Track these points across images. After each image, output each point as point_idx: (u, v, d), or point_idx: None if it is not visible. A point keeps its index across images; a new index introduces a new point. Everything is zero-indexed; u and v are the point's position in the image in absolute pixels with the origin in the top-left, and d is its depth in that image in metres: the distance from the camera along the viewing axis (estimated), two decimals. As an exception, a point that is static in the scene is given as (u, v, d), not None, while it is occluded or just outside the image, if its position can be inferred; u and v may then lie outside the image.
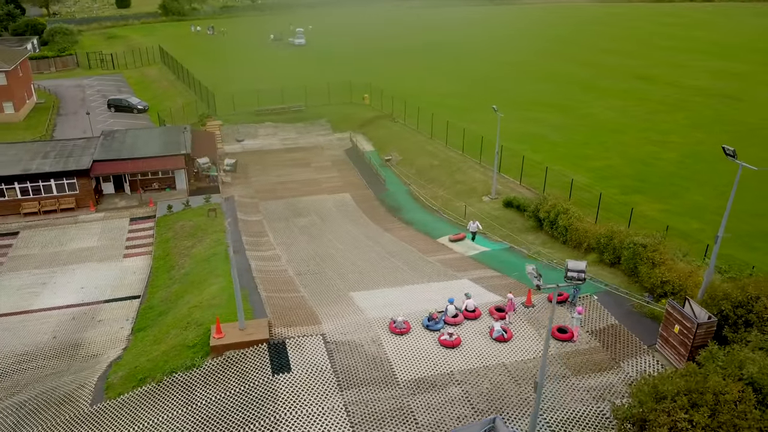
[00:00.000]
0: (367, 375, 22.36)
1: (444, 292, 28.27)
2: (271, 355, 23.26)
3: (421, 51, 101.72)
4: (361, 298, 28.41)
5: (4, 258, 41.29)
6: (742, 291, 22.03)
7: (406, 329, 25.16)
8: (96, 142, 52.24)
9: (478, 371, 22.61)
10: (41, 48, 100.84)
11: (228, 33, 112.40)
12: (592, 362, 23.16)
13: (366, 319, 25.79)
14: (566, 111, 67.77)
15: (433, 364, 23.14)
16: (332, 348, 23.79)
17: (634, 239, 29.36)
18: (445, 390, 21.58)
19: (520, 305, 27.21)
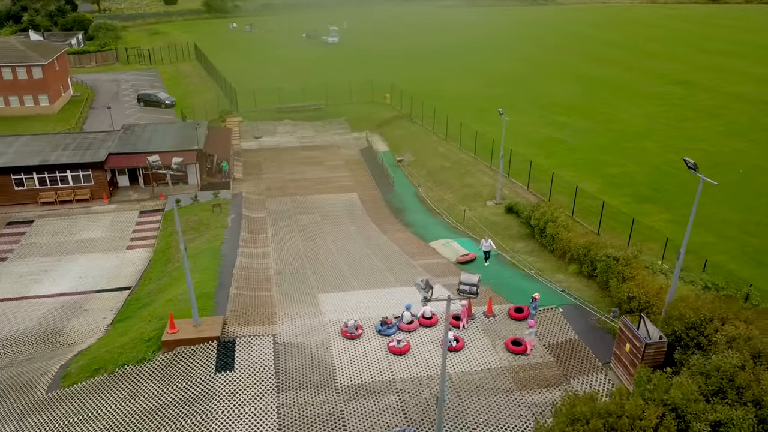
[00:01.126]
0: (308, 378, 22.30)
1: (414, 297, 27.88)
2: (219, 353, 23.48)
3: (455, 51, 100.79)
4: (327, 300, 28.35)
5: (16, 245, 43.01)
6: (695, 312, 20.87)
7: (358, 334, 24.94)
8: (115, 136, 53.86)
9: (421, 380, 22.22)
10: (85, 43, 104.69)
11: (270, 30, 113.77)
12: (541, 377, 22.41)
13: (321, 322, 25.73)
14: (592, 115, 65.96)
15: (376, 370, 22.86)
16: (280, 349, 23.82)
17: (607, 251, 28.26)
18: (382, 397, 21.29)
19: (481, 315, 26.58)
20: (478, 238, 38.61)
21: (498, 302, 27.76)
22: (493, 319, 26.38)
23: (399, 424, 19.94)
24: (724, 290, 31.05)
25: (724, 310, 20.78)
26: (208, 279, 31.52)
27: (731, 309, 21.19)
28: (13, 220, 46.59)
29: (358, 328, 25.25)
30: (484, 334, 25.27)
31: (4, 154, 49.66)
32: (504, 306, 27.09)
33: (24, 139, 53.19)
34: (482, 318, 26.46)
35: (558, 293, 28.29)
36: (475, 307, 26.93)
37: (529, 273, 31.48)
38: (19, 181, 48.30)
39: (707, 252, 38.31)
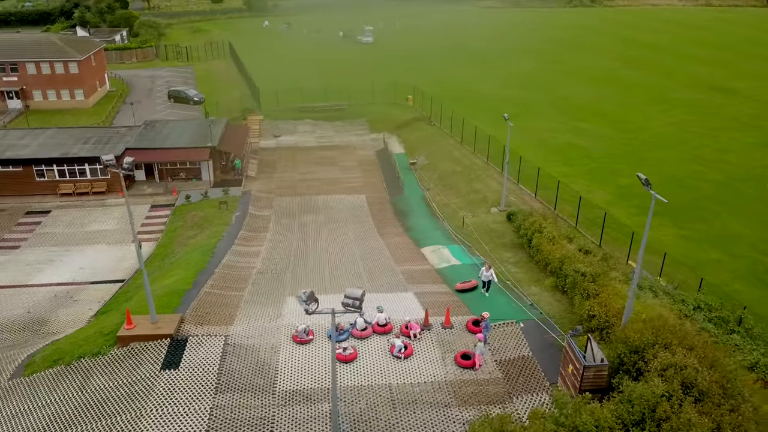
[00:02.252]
0: (249, 381, 22.40)
1: (384, 303, 27.73)
2: (169, 350, 23.88)
3: (489, 52, 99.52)
4: (293, 303, 28.45)
5: (30, 234, 44.85)
6: (640, 335, 19.93)
7: (308, 339, 24.91)
8: (135, 132, 55.47)
9: (361, 389, 22.01)
10: (129, 39, 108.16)
11: (318, 31, 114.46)
12: (484, 394, 21.84)
13: (278, 325, 25.81)
14: (619, 122, 64.04)
15: (318, 377, 22.80)
16: (229, 350, 24.04)
17: (575, 266, 27.33)
18: (316, 405, 21.19)
19: (439, 325, 26.15)
20: (470, 245, 38.05)
21: (462, 313, 27.26)
22: (449, 331, 25.90)
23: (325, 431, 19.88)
24: (717, 312, 29.69)
25: (670, 335, 19.75)
26: (188, 276, 32.12)
27: (679, 334, 20.13)
28: (32, 209, 48.59)
29: (309, 333, 25.25)
30: (437, 346, 24.85)
31: (28, 146, 51.83)
32: (464, 318, 26.56)
33: (50, 132, 55.39)
34: (439, 329, 26.04)
35: (525, 307, 27.57)
36: (434, 317, 26.56)
37: (506, 283, 30.78)
38: (40, 173, 50.32)
39: (711, 270, 36.71)
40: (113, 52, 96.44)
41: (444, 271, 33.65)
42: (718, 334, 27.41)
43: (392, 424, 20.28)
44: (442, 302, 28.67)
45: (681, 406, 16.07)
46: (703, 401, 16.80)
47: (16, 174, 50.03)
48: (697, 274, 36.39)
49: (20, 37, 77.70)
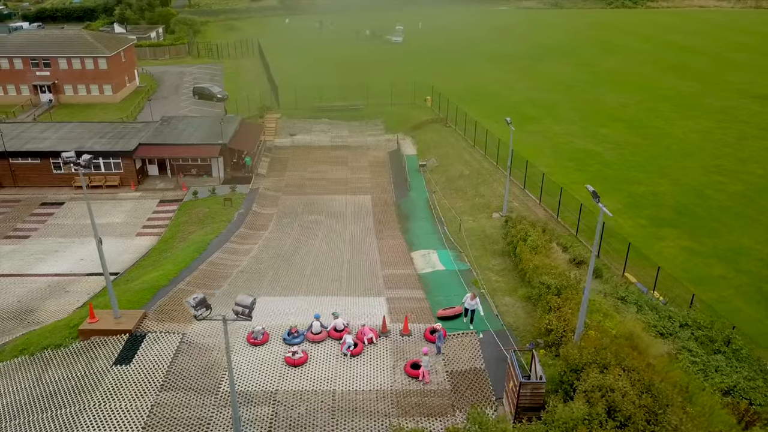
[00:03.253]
0: (195, 380, 22.48)
1: (352, 307, 27.50)
2: (125, 346, 24.18)
3: (521, 54, 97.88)
4: (262, 304, 28.42)
5: (41, 225, 46.28)
6: (578, 353, 19.07)
7: (262, 340, 24.84)
8: (151, 127, 56.65)
9: (304, 394, 21.81)
10: (165, 36, 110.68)
11: (359, 31, 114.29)
12: (428, 405, 21.32)
13: (235, 326, 25.83)
14: (640, 128, 62.06)
15: (264, 379, 22.70)
16: (183, 348, 24.18)
17: (542, 278, 26.45)
18: (256, 408, 21.09)
19: (397, 333, 25.73)
20: (461, 251, 37.43)
21: (428, 321, 26.72)
22: (407, 338, 25.46)
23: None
24: (706, 330, 28.40)
25: (610, 354, 18.84)
26: (171, 272, 32.55)
27: (623, 354, 19.19)
28: (47, 201, 50.14)
29: (264, 335, 25.19)
30: (390, 353, 24.45)
31: (48, 139, 53.52)
32: (423, 325, 26.04)
33: (70, 126, 57.08)
34: (397, 336, 25.62)
35: (490, 318, 26.85)
36: (397, 324, 26.15)
37: (480, 291, 30.08)
38: (57, 165, 51.88)
39: (712, 285, 35.24)
40: (147, 49, 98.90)
41: (426, 277, 33.17)
42: (699, 354, 26.22)
43: (327, 431, 20.03)
44: (412, 308, 28.27)
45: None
46: (628, 426, 15.98)
47: (35, 166, 51.74)
48: (697, 290, 35.05)
49: (54, 34, 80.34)
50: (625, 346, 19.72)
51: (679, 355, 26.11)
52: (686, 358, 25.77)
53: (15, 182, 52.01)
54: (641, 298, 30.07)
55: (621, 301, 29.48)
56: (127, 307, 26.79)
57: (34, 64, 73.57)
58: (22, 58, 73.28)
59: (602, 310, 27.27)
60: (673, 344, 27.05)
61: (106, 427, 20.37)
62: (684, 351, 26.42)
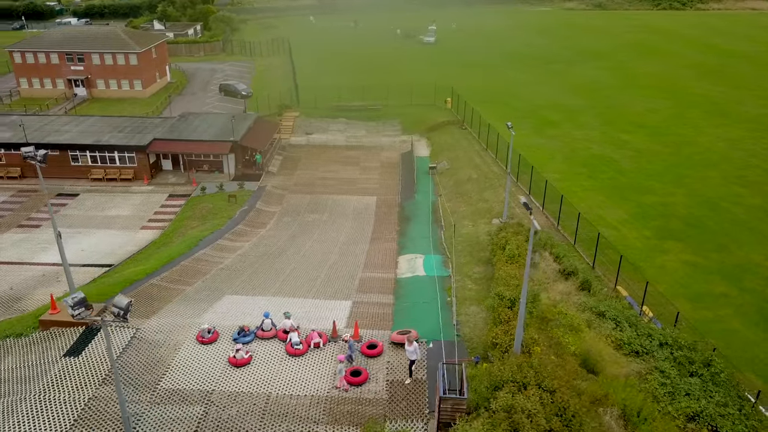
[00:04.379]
0: (137, 376, 22.75)
1: (314, 310, 27.39)
2: (79, 338, 24.66)
3: (553, 56, 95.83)
4: (227, 302, 28.66)
5: (54, 215, 47.73)
6: (500, 370, 18.30)
7: (210, 339, 24.95)
8: (168, 123, 57.90)
9: (239, 396, 21.77)
10: (203, 33, 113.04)
11: (395, 32, 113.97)
12: (360, 414, 20.93)
13: (191, 323, 25.98)
14: (665, 135, 59.85)
15: (203, 379, 22.80)
16: (134, 343, 24.49)
17: (498, 290, 25.63)
18: (188, 407, 21.17)
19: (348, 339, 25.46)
20: (448, 257, 36.83)
21: (384, 327, 26.34)
22: (357, 345, 25.13)
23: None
24: (686, 351, 27.07)
25: (531, 373, 18.05)
26: (151, 267, 33.12)
27: (549, 372, 18.38)
28: (63, 192, 51.84)
29: (213, 334, 25.31)
30: (334, 359, 24.18)
31: (69, 132, 55.37)
32: (382, 332, 25.56)
33: (92, 120, 58.88)
34: (344, 343, 25.39)
35: (449, 327, 26.23)
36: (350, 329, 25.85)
37: (445, 300, 29.46)
38: (75, 158, 53.62)
39: (711, 303, 33.64)
40: (182, 46, 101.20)
41: (403, 282, 32.79)
42: (671, 376, 25.03)
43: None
44: (374, 314, 27.98)
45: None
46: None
47: (54, 158, 53.42)
48: (693, 307, 33.54)
49: (88, 30, 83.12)
50: (554, 364, 18.87)
51: (648, 376, 25.02)
52: (655, 379, 24.66)
53: (36, 173, 53.80)
54: (622, 313, 28.89)
55: (599, 316, 28.41)
56: (96, 300, 27.40)
57: (69, 58, 76.23)
58: (58, 52, 76.02)
59: (573, 324, 26.38)
60: (645, 364, 25.94)
61: (41, 418, 20.85)
62: (655, 371, 25.28)
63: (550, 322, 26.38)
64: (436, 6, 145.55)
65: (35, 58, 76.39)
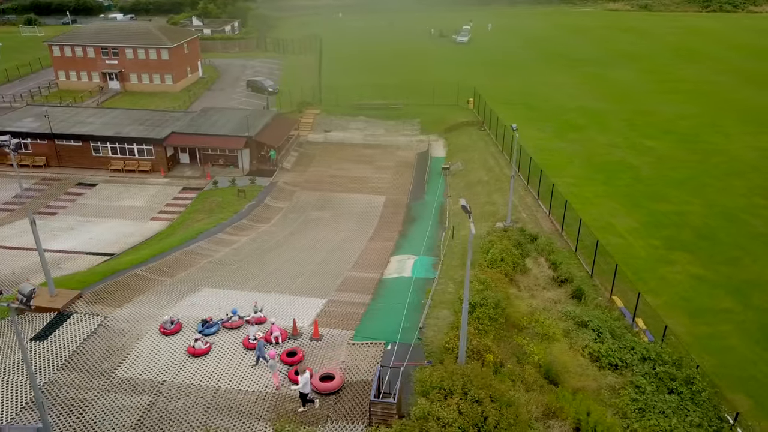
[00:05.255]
0: (95, 363, 23.11)
1: (286, 306, 27.40)
2: (49, 323, 25.23)
3: (590, 59, 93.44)
4: (201, 295, 28.93)
5: (70, 204, 49.37)
6: (429, 377, 17.67)
7: (173, 330, 25.15)
8: (188, 117, 58.99)
9: (189, 388, 21.87)
10: (240, 30, 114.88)
11: (444, 35, 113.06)
12: (304, 413, 20.71)
13: (159, 314, 26.24)
14: (693, 142, 57.60)
15: (159, 369, 23.05)
16: (98, 331, 24.88)
17: (460, 294, 24.93)
18: (137, 396, 21.38)
19: (307, 336, 25.27)
20: (439, 259, 36.30)
21: (348, 327, 26.10)
22: (315, 343, 24.91)
23: (127, 424, 20.06)
24: (668, 367, 25.89)
25: (460, 380, 17.45)
26: (140, 258, 33.71)
27: (478, 382, 17.75)
28: (83, 181, 53.40)
29: (176, 325, 25.51)
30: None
31: (92, 124, 57.01)
32: (343, 332, 25.33)
33: (116, 113, 60.50)
34: (306, 340, 25.14)
35: (412, 329, 25.77)
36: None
37: (422, 302, 28.94)
38: (96, 149, 55.17)
39: (711, 319, 32.17)
40: (218, 42, 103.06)
41: (387, 282, 32.44)
42: (646, 392, 23.98)
43: (194, 427, 19.99)
44: (344, 313, 27.78)
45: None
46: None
47: (77, 148, 55.28)
48: (692, 322, 32.12)
49: (123, 25, 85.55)
50: (482, 373, 18.15)
51: (621, 391, 24.05)
52: (628, 395, 23.68)
53: (60, 162, 55.79)
54: (606, 324, 27.84)
55: (581, 326, 27.47)
56: (75, 287, 28.10)
57: (104, 52, 78.55)
58: (93, 47, 78.42)
59: (548, 333, 25.58)
60: (621, 378, 24.95)
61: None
62: (629, 386, 24.28)
63: (524, 329, 25.66)
64: (479, 6, 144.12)
65: (72, 52, 78.99)
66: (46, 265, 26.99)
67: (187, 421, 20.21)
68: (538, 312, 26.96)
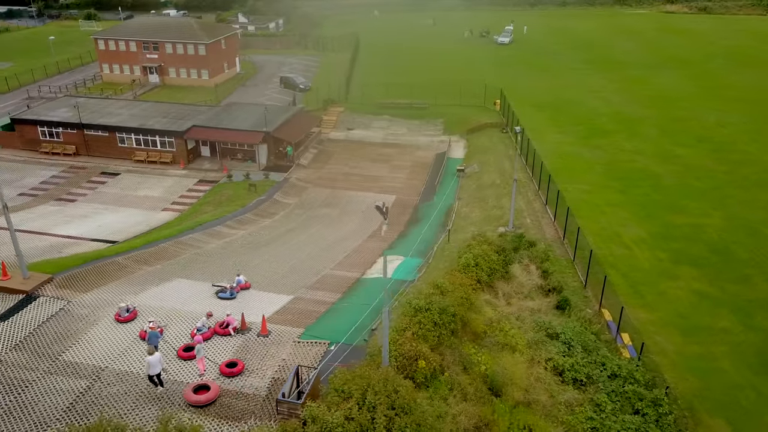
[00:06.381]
0: (47, 346, 23.70)
1: (251, 301, 27.59)
2: (15, 305, 26.08)
3: (636, 62, 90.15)
4: (170, 286, 29.32)
5: (91, 192, 51.23)
6: (334, 380, 17.15)
7: (128, 317, 25.59)
8: (211, 111, 60.24)
9: (127, 375, 22.22)
10: (284, 27, 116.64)
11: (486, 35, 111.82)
12: (230, 408, 20.42)
13: (108, 301, 26.81)
14: (725, 151, 54.72)
15: (104, 355, 23.44)
16: (59, 314, 25.54)
17: (407, 298, 24.21)
18: (76, 381, 21.79)
19: (254, 331, 25.19)
20: (429, 262, 35.71)
21: (298, 325, 25.95)
22: (261, 339, 24.81)
23: (59, 407, 20.55)
24: (637, 386, 24.59)
25: (361, 385, 16.95)
26: (128, 246, 34.54)
27: (378, 387, 17.19)
28: (107, 170, 55.31)
29: (131, 313, 25.93)
30: (230, 351, 24.04)
31: (120, 115, 58.99)
32: (293, 330, 25.09)
33: (144, 106, 62.39)
34: (253, 335, 25.12)
35: (365, 332, 25.32)
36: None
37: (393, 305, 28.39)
38: (122, 139, 57.04)
39: (705, 338, 30.46)
40: (261, 39, 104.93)
41: (364, 282, 32.17)
42: (605, 411, 22.88)
43: (121, 414, 20.23)
44: (302, 311, 27.78)
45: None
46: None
47: (104, 138, 57.31)
48: (684, 341, 30.43)
49: (164, 20, 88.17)
50: (393, 380, 17.53)
51: (578, 408, 23.02)
52: (583, 413, 22.63)
53: (88, 151, 57.98)
54: (580, 337, 26.70)
55: (551, 338, 26.47)
56: (54, 271, 29.09)
57: (145, 47, 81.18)
58: (135, 41, 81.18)
59: (509, 343, 24.75)
60: (582, 394, 23.88)
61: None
62: (588, 404, 23.21)
63: (484, 338, 24.90)
64: (527, 6, 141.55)
65: (116, 46, 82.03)
66: (18, 248, 28.03)
67: (116, 408, 20.55)
68: (504, 320, 26.08)
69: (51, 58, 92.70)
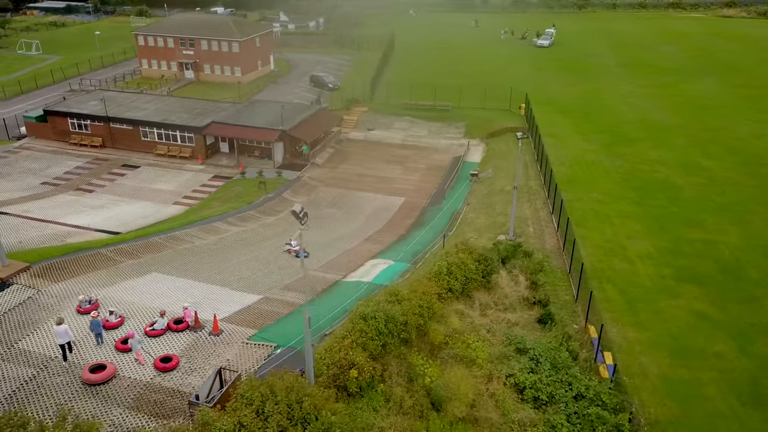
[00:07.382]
0: (5, 333, 24.36)
1: (219, 299, 27.70)
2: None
3: (677, 68, 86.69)
4: (143, 280, 29.72)
5: (109, 183, 52.77)
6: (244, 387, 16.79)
7: (88, 309, 26.00)
8: (233, 108, 61.14)
9: (74, 366, 22.46)
10: (324, 26, 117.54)
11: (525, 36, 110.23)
12: (161, 405, 20.48)
13: (72, 293, 27.31)
14: (756, 164, 51.83)
15: (57, 345, 23.75)
16: (26, 303, 26.26)
17: (359, 305, 23.62)
18: (23, 369, 22.23)
19: (206, 330, 25.16)
20: (415, 267, 35.17)
21: (252, 326, 25.83)
22: (211, 338, 24.75)
23: (2, 393, 20.99)
24: (603, 408, 23.51)
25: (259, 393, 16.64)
26: (119, 239, 35.25)
27: (285, 395, 16.79)
28: (128, 163, 56.89)
29: (93, 304, 26.36)
30: (176, 348, 24.06)
31: (145, 110, 60.57)
32: (243, 329, 24.86)
33: (171, 101, 63.89)
34: (204, 334, 25.10)
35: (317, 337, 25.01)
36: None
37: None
38: (145, 133, 58.56)
39: (694, 362, 28.90)
40: (299, 37, 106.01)
41: (342, 285, 31.83)
42: (561, 433, 21.95)
43: (57, 404, 20.57)
44: (265, 312, 27.66)
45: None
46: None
47: (128, 131, 58.98)
48: (671, 363, 28.92)
49: (202, 17, 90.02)
50: (299, 387, 17.15)
51: (531, 428, 22.16)
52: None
53: (113, 144, 59.80)
54: (550, 354, 25.71)
55: (518, 352, 25.61)
56: (34, 260, 30.04)
57: (182, 43, 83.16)
58: (173, 37, 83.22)
59: (469, 356, 24.07)
60: (539, 414, 22.98)
61: None
62: (543, 425, 22.31)
63: (445, 349, 24.26)
64: (574, 9, 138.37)
65: (155, 42, 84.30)
66: (1, 245, 29.05)
67: (54, 398, 20.99)
68: (470, 332, 25.37)
69: (96, 53, 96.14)
